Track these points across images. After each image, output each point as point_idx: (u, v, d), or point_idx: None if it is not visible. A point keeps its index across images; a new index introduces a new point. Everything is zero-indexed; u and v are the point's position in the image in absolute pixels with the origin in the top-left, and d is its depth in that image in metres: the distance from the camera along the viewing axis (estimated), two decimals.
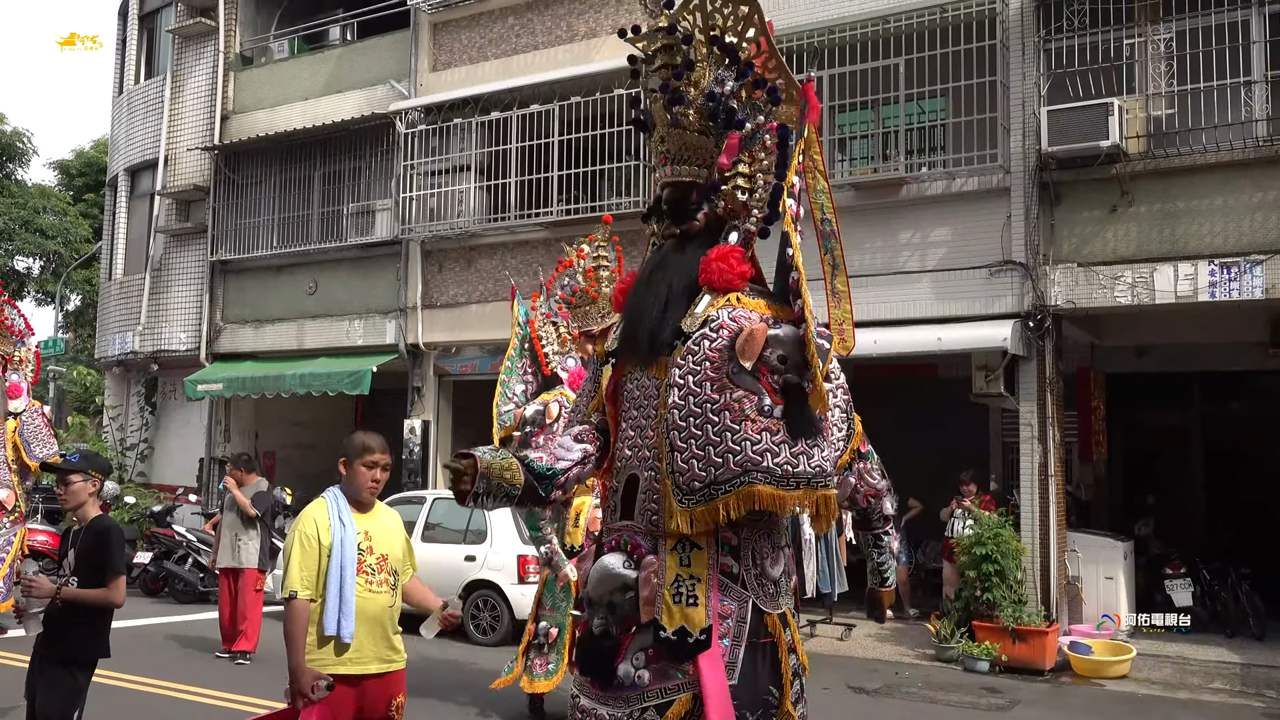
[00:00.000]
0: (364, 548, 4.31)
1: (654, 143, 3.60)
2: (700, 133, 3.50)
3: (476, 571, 11.08)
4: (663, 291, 3.44)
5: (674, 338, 3.36)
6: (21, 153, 29.64)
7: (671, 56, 3.50)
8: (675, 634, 3.17)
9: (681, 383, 3.20)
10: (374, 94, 16.16)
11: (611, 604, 3.31)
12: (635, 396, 3.49)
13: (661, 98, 3.48)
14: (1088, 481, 13.59)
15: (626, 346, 3.55)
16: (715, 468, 3.11)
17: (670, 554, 3.27)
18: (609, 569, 3.34)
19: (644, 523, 3.36)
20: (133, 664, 8.89)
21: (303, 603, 4.17)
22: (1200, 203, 10.46)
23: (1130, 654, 10.00)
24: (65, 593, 4.83)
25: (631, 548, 3.37)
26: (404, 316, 15.53)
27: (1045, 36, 11.13)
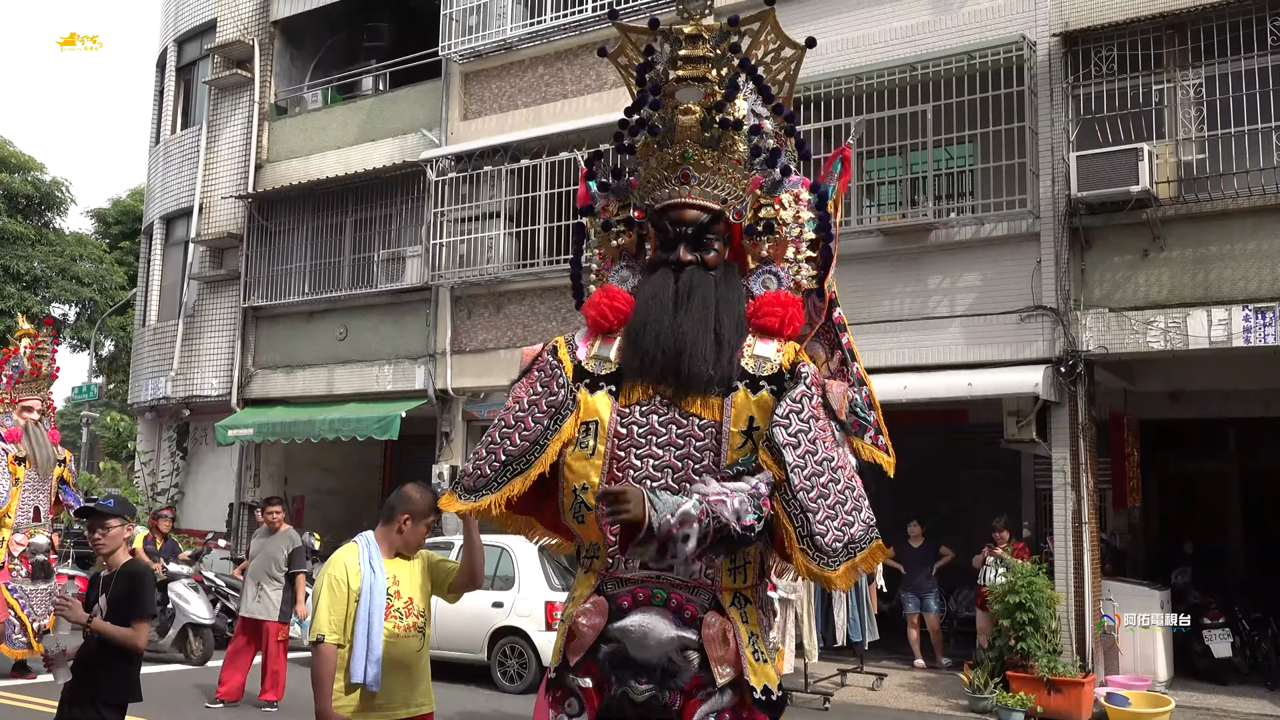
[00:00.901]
0: (392, 592, 4.28)
1: (665, 152, 3.33)
2: (738, 162, 3.34)
3: (504, 618, 11.02)
4: (710, 324, 3.16)
5: (737, 377, 3.16)
6: (60, 202, 30.17)
7: (710, 69, 3.30)
8: (763, 693, 3.05)
9: (795, 440, 3.00)
10: (405, 142, 16.38)
11: (669, 668, 3.00)
12: (661, 433, 3.17)
13: (699, 111, 3.27)
14: (1122, 529, 13.40)
15: (657, 375, 3.19)
16: (849, 526, 3.04)
17: (733, 609, 3.10)
18: (663, 630, 3.02)
19: (690, 577, 3.09)
20: (161, 710, 8.87)
21: (330, 647, 4.13)
22: (1233, 247, 10.39)
23: (1169, 706, 9.79)
24: (95, 624, 4.83)
25: (677, 604, 3.07)
26: (433, 362, 15.61)
27: (1074, 82, 11.16)
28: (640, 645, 3.02)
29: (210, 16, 19.36)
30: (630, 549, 2.94)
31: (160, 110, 20.90)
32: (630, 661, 3.03)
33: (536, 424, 3.23)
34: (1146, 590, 11.28)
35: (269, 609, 9.79)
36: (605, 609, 3.10)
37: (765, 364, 3.18)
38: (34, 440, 10.58)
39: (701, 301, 3.20)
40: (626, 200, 3.55)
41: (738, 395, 3.14)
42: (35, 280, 28.11)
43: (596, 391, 3.26)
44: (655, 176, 3.36)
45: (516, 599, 11.03)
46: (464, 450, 15.45)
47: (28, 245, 28.09)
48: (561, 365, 3.33)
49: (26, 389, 10.84)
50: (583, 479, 3.19)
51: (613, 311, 3.34)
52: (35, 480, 10.59)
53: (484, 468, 3.25)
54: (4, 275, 27.17)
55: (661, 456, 3.15)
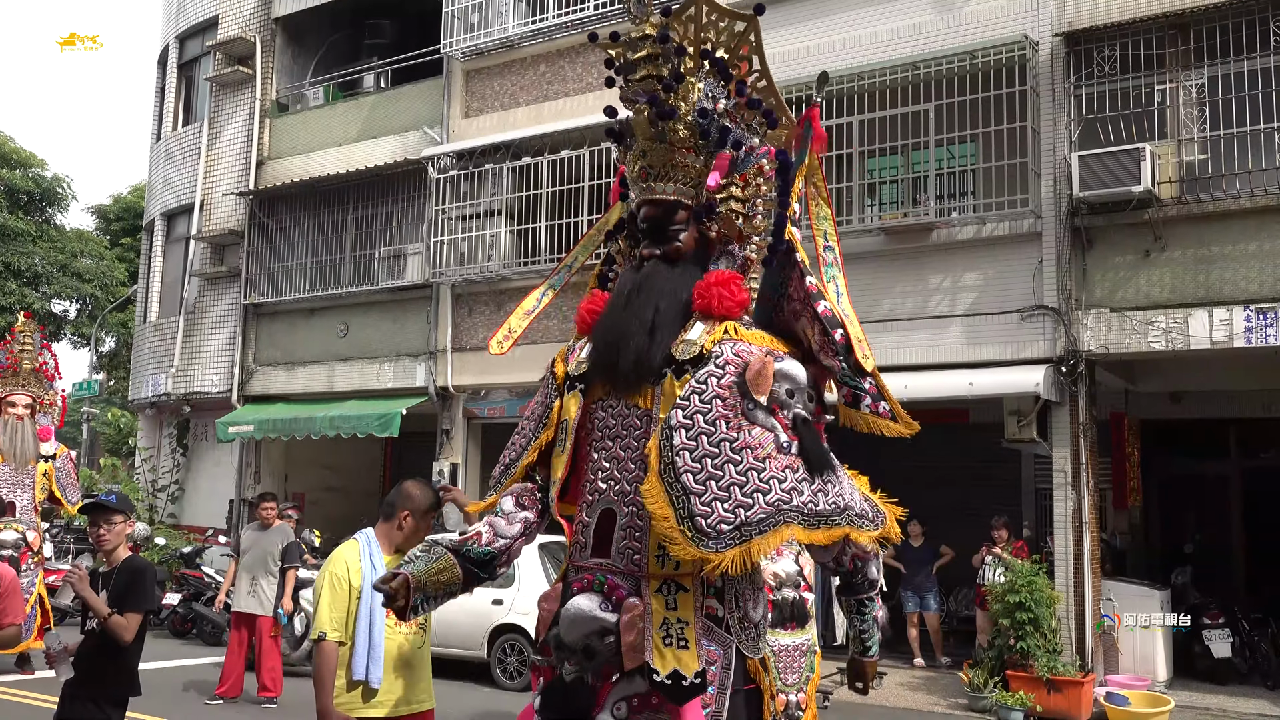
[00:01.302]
0: None
1: (632, 156, 3.41)
2: (688, 150, 3.31)
3: (503, 616, 11.03)
4: (648, 315, 3.20)
5: (664, 365, 3.16)
6: (61, 198, 30.20)
7: (658, 67, 3.31)
8: (669, 678, 3.00)
9: (689, 422, 2.98)
10: (407, 140, 16.38)
11: (588, 649, 3.06)
12: (610, 426, 3.26)
13: (647, 109, 3.29)
14: (1122, 529, 13.40)
15: (602, 371, 3.29)
16: (745, 509, 2.91)
17: (655, 596, 3.10)
18: (584, 612, 3.09)
19: (623, 562, 3.13)
20: (161, 706, 8.88)
21: (331, 645, 4.13)
22: (1235, 247, 10.39)
23: (1169, 705, 9.79)
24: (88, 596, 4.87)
25: (609, 589, 3.12)
26: (434, 359, 15.61)
27: (1076, 82, 11.15)
28: (567, 628, 3.11)
29: (212, 13, 19.37)
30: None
31: (162, 107, 20.91)
32: (560, 644, 3.14)
33: (529, 432, 3.51)
34: (1146, 590, 11.29)
35: (263, 604, 9.80)
36: (558, 594, 3.28)
37: (691, 347, 3.16)
38: (11, 435, 10.61)
39: (649, 294, 3.26)
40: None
41: (665, 382, 3.15)
42: (36, 276, 28.14)
43: (571, 391, 3.39)
44: (630, 179, 3.47)
45: (516, 596, 11.03)
46: (463, 448, 15.47)
47: (29, 241, 28.12)
48: (554, 375, 3.50)
49: (9, 384, 10.87)
50: (555, 475, 3.37)
51: (590, 314, 3.47)
52: (10, 474, 10.59)
53: (495, 471, 3.57)
54: (5, 271, 27.21)
55: (609, 449, 3.25)
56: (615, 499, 3.19)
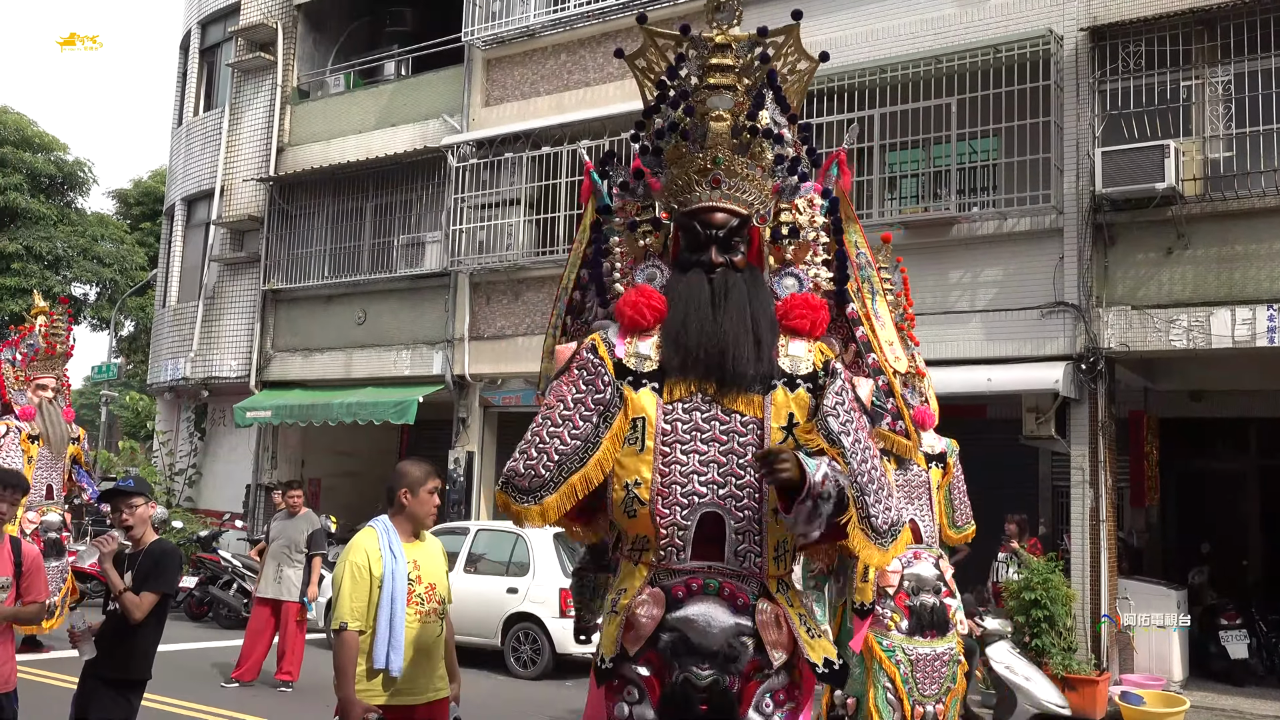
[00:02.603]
0: (413, 577, 4.29)
1: (696, 159, 3.38)
2: (762, 168, 3.42)
3: (518, 604, 11.06)
4: (748, 325, 3.26)
5: (774, 377, 3.28)
6: (82, 182, 30.36)
7: (738, 79, 3.40)
8: (825, 665, 3.22)
9: (846, 430, 3.15)
10: (426, 128, 16.39)
11: (729, 654, 3.10)
12: (703, 429, 3.25)
13: (730, 119, 3.35)
14: (1139, 528, 13.34)
15: (704, 373, 3.25)
16: (890, 511, 3.20)
17: (780, 595, 3.25)
18: (723, 618, 3.13)
19: (739, 565, 3.19)
20: (176, 688, 8.96)
21: (352, 635, 4.14)
22: (1259, 246, 10.31)
23: (1184, 706, 9.75)
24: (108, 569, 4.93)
25: (730, 592, 3.17)
26: (451, 348, 15.65)
27: (1100, 78, 11.07)
28: (703, 633, 3.11)
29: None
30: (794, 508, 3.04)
31: (183, 92, 20.99)
32: (692, 648, 3.10)
33: (585, 422, 3.26)
34: (1163, 590, 11.24)
35: (289, 589, 9.89)
36: (662, 600, 3.17)
37: (800, 363, 3.31)
38: (47, 418, 10.55)
39: (738, 302, 3.29)
40: (647, 201, 3.62)
41: (777, 393, 3.26)
42: (57, 260, 28.29)
43: (640, 388, 3.30)
44: (683, 180, 3.41)
45: (531, 585, 11.07)
46: (479, 436, 15.50)
47: (50, 225, 28.28)
48: (604, 363, 3.34)
49: (41, 367, 10.77)
50: (634, 474, 3.23)
51: (650, 310, 3.36)
52: (48, 458, 10.56)
53: (537, 468, 3.23)
54: (26, 255, 27.36)
55: (706, 452, 3.23)
56: (721, 502, 3.19)
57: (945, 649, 6.22)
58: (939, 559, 6.41)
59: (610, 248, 3.67)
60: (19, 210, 27.48)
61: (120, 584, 4.89)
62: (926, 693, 6.19)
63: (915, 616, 6.23)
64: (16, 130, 28.32)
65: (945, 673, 6.24)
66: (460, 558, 11.50)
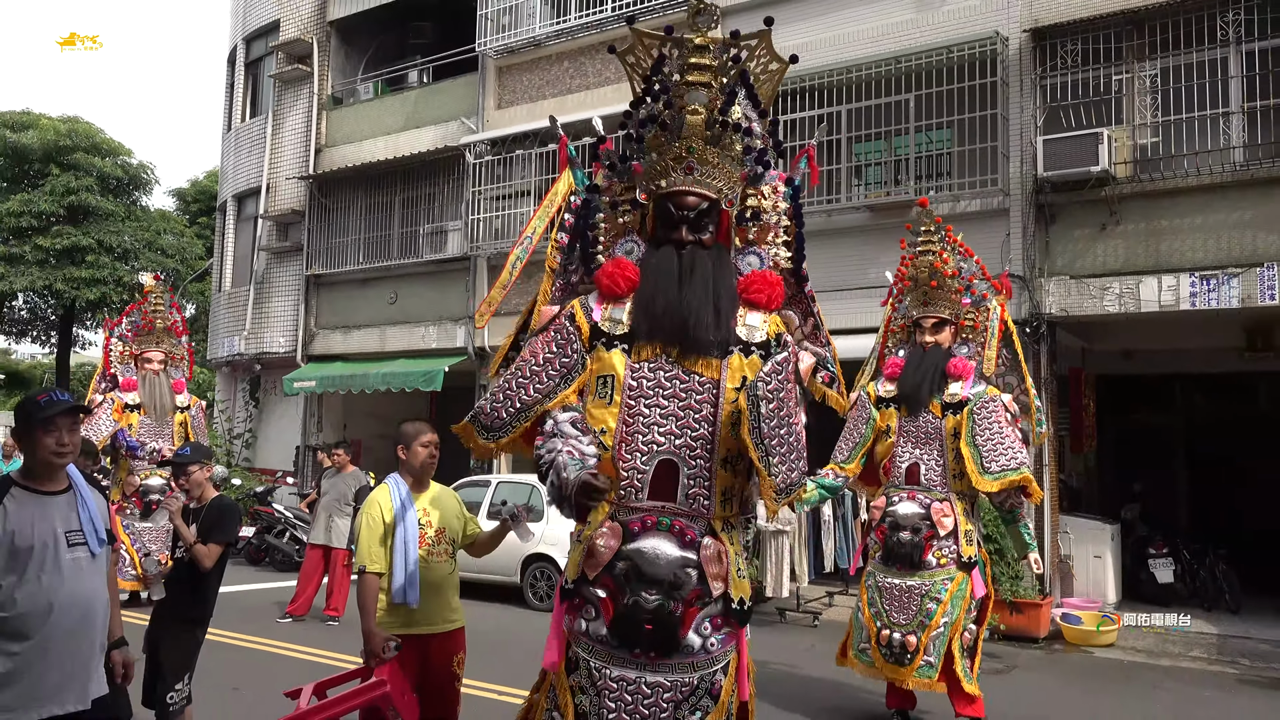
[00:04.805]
0: (424, 523, 4.34)
1: (673, 147, 3.38)
2: (733, 158, 3.43)
3: (535, 546, 11.10)
4: (709, 296, 3.30)
5: (731, 344, 3.31)
6: (145, 182, 30.15)
7: (715, 77, 3.39)
8: (739, 604, 3.28)
9: (771, 396, 3.14)
10: (447, 129, 16.29)
11: (674, 582, 3.16)
12: (665, 387, 3.29)
13: (704, 112, 3.35)
14: (1079, 471, 13.37)
15: (667, 337, 3.29)
16: (792, 472, 3.19)
17: (724, 534, 3.30)
18: (670, 551, 3.18)
19: (690, 506, 3.25)
20: (237, 624, 9.03)
21: (372, 576, 4.20)
22: (1182, 221, 10.26)
23: (1117, 625, 9.83)
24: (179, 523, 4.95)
25: (679, 529, 3.22)
26: (472, 323, 15.62)
27: (1041, 73, 10.98)
28: (652, 563, 3.17)
29: (274, 17, 19.21)
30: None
31: (231, 101, 20.83)
32: (642, 576, 3.16)
33: (550, 380, 3.35)
34: (1099, 524, 11.28)
35: (338, 537, 9.93)
36: (619, 533, 3.24)
37: (756, 332, 3.35)
38: (151, 389, 10.22)
39: (702, 276, 3.32)
40: (630, 183, 3.60)
41: (733, 358, 3.30)
42: (125, 252, 28.16)
43: (612, 349, 3.35)
44: (661, 165, 3.41)
45: (545, 529, 11.09)
46: None
47: (118, 221, 28.14)
48: (579, 331, 3.40)
49: (146, 341, 10.43)
50: (601, 423, 3.30)
51: (624, 280, 3.40)
52: (151, 426, 10.21)
53: (500, 412, 3.36)
54: (98, 248, 27.24)
55: (667, 407, 3.29)
56: (677, 451, 3.26)
57: (916, 584, 5.96)
58: (939, 501, 6.06)
59: (596, 223, 3.68)
60: (90, 208, 27.33)
61: (191, 537, 4.91)
62: (896, 620, 6.02)
63: (887, 549, 6.10)
64: (87, 138, 28.11)
65: (916, 606, 5.98)
66: (484, 506, 11.54)
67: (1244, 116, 10.09)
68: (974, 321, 6.51)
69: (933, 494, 6.13)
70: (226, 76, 21.27)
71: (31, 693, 3.13)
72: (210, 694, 5.92)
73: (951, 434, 6.13)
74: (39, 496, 3.25)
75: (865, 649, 6.27)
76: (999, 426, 6.05)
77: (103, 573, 3.41)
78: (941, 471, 6.16)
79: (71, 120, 28.49)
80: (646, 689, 3.14)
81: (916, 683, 6.03)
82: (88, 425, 9.41)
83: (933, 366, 6.26)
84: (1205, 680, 8.46)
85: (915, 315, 6.48)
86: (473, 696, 6.25)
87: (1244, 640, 9.66)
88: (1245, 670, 8.82)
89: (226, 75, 21.29)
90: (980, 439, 6.01)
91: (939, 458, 6.18)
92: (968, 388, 6.18)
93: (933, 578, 6.01)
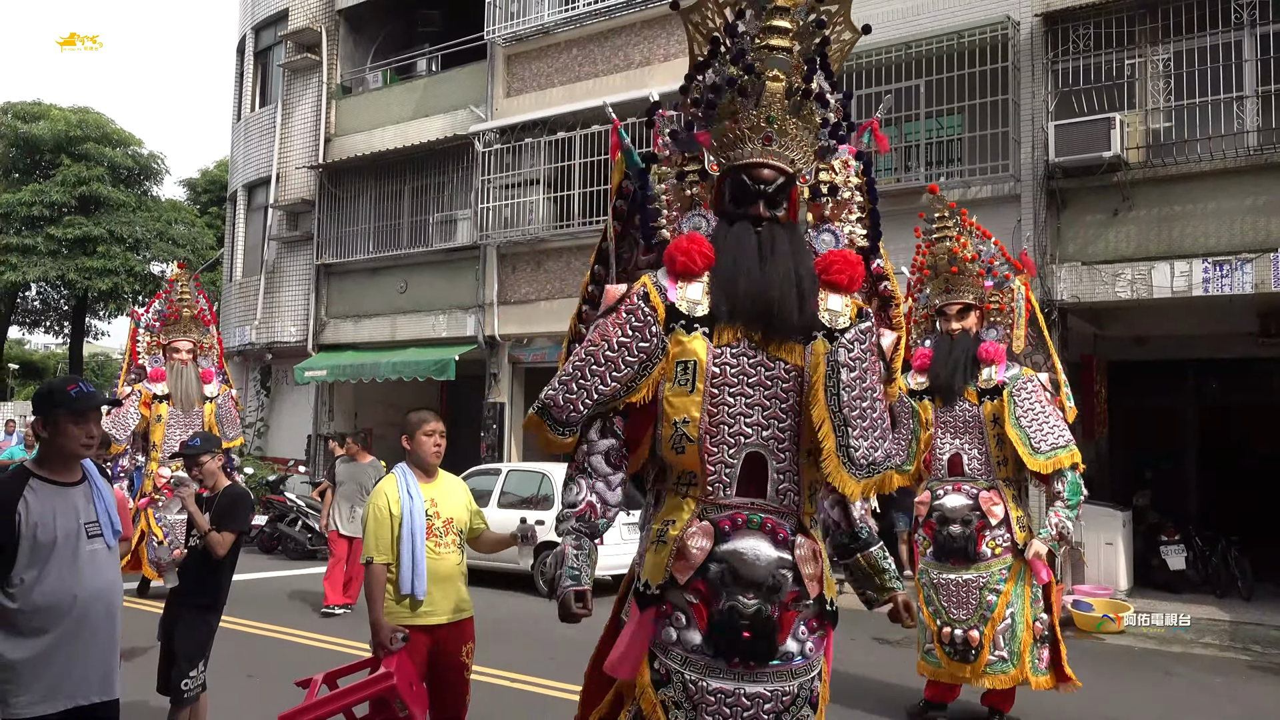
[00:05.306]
0: (431, 514, 4.31)
1: (750, 116, 3.10)
2: (811, 131, 3.18)
3: (544, 534, 11.02)
4: (793, 278, 3.06)
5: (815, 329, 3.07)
6: (156, 172, 30.25)
7: (793, 42, 3.13)
8: (831, 605, 3.10)
9: (851, 365, 3.01)
10: (455, 118, 16.26)
11: (774, 584, 2.95)
12: (750, 374, 3.04)
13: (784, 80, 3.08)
14: (1090, 457, 13.23)
15: (752, 322, 3.05)
16: (875, 450, 3.03)
17: (814, 530, 3.11)
18: (769, 551, 2.97)
19: (780, 503, 3.03)
20: (250, 611, 9.07)
21: (379, 567, 4.20)
22: (1195, 207, 10.18)
23: (1128, 611, 9.79)
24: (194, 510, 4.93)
25: (771, 527, 3.00)
26: (482, 312, 15.63)
27: (1053, 58, 10.89)
28: (750, 565, 2.95)
29: (283, 6, 19.21)
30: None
31: (241, 91, 20.84)
32: (739, 579, 2.94)
33: (628, 368, 3.05)
34: (1111, 511, 11.24)
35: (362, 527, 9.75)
36: (711, 532, 2.99)
37: (839, 317, 3.12)
38: (178, 379, 9.97)
39: (783, 255, 3.08)
40: (695, 153, 3.29)
41: (817, 344, 3.07)
42: (137, 242, 28.25)
43: (692, 332, 3.06)
44: (735, 134, 3.14)
45: (554, 518, 11.12)
46: (509, 389, 15.51)
47: (130, 211, 28.24)
48: (655, 311, 3.09)
49: (174, 331, 10.18)
50: (683, 413, 3.03)
51: (701, 257, 3.10)
52: (180, 417, 9.90)
53: (576, 405, 3.06)
54: (110, 238, 27.34)
55: (752, 395, 3.05)
56: (765, 443, 3.04)
57: (973, 577, 5.83)
58: (986, 490, 5.94)
59: (656, 195, 3.33)
60: (102, 199, 27.43)
61: (205, 524, 4.92)
62: (956, 616, 5.89)
63: (938, 545, 5.96)
64: (97, 128, 28.20)
65: (976, 600, 5.82)
66: (494, 494, 11.57)
67: (1258, 100, 9.99)
68: (999, 304, 6.37)
69: (978, 483, 6.01)
70: (236, 66, 21.28)
71: (58, 685, 3.14)
72: (224, 681, 5.95)
73: (991, 420, 6.02)
74: (58, 488, 3.24)
75: (930, 649, 6.10)
76: (1040, 406, 5.96)
77: (118, 564, 3.42)
78: (985, 459, 6.05)
79: (82, 111, 28.56)
80: (746, 700, 2.92)
81: (992, 680, 5.84)
82: (114, 419, 9.42)
83: (964, 353, 6.12)
84: (1217, 667, 8.43)
85: (938, 303, 6.33)
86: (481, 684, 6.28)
87: (1256, 627, 9.62)
88: (1257, 657, 8.79)
89: (236, 64, 21.29)
90: (1024, 420, 5.91)
91: (981, 446, 6.06)
92: (1002, 371, 6.06)
93: (989, 569, 5.87)
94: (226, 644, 6.07)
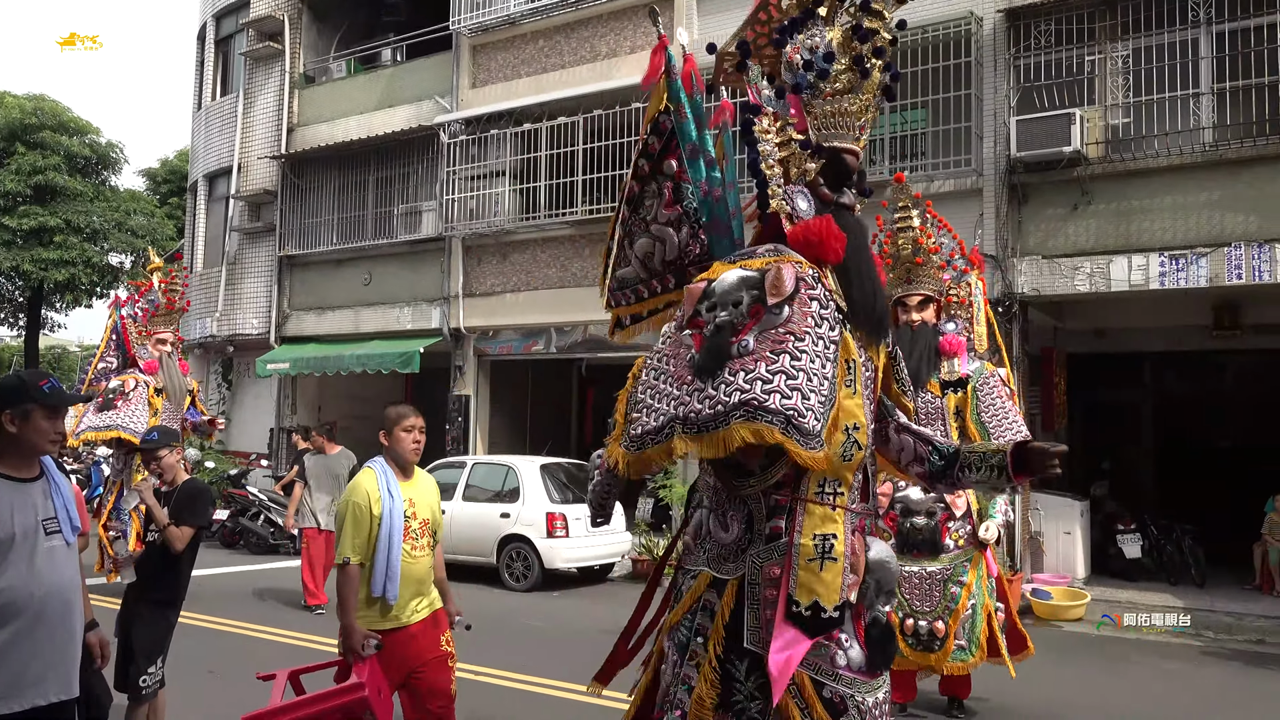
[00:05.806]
0: (409, 514, 4.20)
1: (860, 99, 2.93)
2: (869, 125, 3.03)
3: (510, 527, 11.10)
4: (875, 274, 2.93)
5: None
6: (114, 162, 29.66)
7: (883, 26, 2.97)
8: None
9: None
10: (421, 108, 16.12)
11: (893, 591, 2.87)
12: (866, 373, 2.86)
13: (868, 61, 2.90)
14: None
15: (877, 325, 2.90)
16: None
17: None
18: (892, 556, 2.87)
19: (873, 504, 2.91)
20: (210, 606, 8.97)
21: (354, 568, 4.07)
22: (1152, 201, 10.33)
23: (1086, 599, 9.95)
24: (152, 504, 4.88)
25: (871, 531, 2.91)
26: (447, 304, 15.53)
27: (1015, 54, 10.99)
28: (890, 574, 2.83)
29: None
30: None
31: (201, 79, 20.51)
32: (881, 589, 2.80)
33: (830, 362, 2.61)
34: (1069, 500, 11.40)
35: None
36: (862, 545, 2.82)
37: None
38: (168, 372, 9.86)
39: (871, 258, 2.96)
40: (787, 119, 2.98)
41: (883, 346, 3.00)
42: (95, 233, 27.70)
43: (846, 328, 2.76)
44: (837, 116, 2.92)
45: (521, 510, 11.10)
46: (474, 381, 15.42)
47: (87, 201, 27.68)
48: (833, 296, 2.72)
49: (161, 322, 10.02)
50: (853, 418, 2.72)
51: (836, 240, 2.78)
52: (170, 410, 9.80)
53: (815, 408, 2.46)
54: (67, 228, 26.79)
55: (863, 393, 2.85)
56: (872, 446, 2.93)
57: (938, 569, 5.84)
58: None
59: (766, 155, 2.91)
60: (58, 188, 26.85)
61: (164, 518, 4.85)
62: (920, 608, 5.88)
63: (902, 537, 5.93)
64: (53, 116, 27.57)
65: (940, 592, 5.84)
66: (459, 488, 11.51)
67: (1214, 97, 10.15)
68: (959, 297, 6.42)
69: None
70: (196, 54, 20.93)
71: (16, 683, 3.08)
72: (184, 678, 5.87)
73: (954, 412, 6.04)
74: (16, 484, 3.17)
75: None
76: (1001, 401, 6.02)
77: (77, 560, 3.35)
78: None
79: (37, 98, 27.93)
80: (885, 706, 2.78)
81: (951, 667, 5.88)
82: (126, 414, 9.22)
83: (926, 345, 6.13)
84: (1171, 652, 8.59)
85: (898, 294, 6.32)
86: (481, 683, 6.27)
87: (1208, 614, 9.81)
88: (1209, 642, 8.97)
89: (196, 52, 20.94)
90: (985, 415, 5.96)
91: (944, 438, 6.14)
92: (965, 364, 6.09)
93: (953, 561, 5.91)
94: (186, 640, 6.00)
